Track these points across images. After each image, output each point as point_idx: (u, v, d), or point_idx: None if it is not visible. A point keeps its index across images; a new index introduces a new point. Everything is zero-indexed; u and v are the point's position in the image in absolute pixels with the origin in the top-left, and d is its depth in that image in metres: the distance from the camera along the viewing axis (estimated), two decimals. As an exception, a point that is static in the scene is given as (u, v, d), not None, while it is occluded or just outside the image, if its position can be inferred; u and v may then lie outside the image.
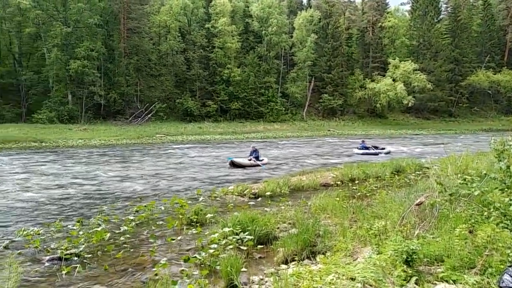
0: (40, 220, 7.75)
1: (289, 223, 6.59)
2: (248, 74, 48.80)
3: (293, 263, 4.89)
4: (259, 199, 9.28)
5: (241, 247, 5.44)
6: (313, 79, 52.96)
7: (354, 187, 10.20)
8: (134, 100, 43.37)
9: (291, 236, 5.43)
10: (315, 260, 4.85)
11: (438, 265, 3.98)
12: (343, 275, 3.75)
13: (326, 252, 4.98)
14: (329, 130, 43.97)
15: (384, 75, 51.54)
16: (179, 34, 47.11)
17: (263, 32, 50.22)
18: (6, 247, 5.99)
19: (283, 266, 4.79)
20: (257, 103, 48.83)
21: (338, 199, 7.88)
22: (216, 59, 47.31)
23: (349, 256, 4.61)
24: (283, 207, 7.83)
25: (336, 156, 20.24)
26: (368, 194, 9.19)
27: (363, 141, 22.04)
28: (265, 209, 7.84)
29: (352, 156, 20.11)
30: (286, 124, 46.90)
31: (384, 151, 20.90)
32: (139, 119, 41.30)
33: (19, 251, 5.75)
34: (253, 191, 9.76)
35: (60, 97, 39.64)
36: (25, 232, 6.57)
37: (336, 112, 52.48)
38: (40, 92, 40.66)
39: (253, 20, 51.19)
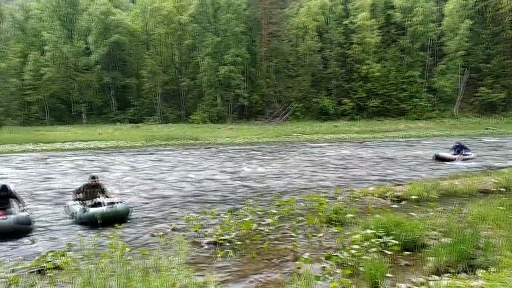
0: (198, 207, 8.88)
1: (440, 231, 5.98)
2: (389, 69, 46.06)
3: (446, 275, 4.43)
4: (403, 202, 8.68)
5: (385, 251, 5.19)
6: (467, 70, 46.65)
7: (524, 196, 8.62)
8: (273, 101, 45.71)
9: (443, 246, 4.93)
10: (474, 274, 4.30)
11: None
12: (513, 296, 3.23)
13: (488, 267, 4.36)
14: (487, 129, 38.05)
15: None
16: (317, 34, 47.54)
17: (407, 23, 46.62)
18: (173, 229, 7.08)
19: (435, 277, 4.39)
20: (398, 99, 45.69)
21: (502, 208, 6.80)
22: (354, 56, 46.11)
23: (519, 275, 3.94)
24: (431, 213, 7.15)
25: (499, 159, 17.40)
26: (544, 205, 7.64)
27: None
28: (411, 213, 7.29)
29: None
30: (433, 122, 42.51)
31: None
32: (277, 118, 43.30)
33: (183, 233, 6.71)
34: (396, 193, 9.19)
35: (211, 100, 44.62)
36: (186, 217, 7.69)
37: (496, 108, 45.08)
38: (195, 96, 46.59)
39: (395, 11, 48.00)
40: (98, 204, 7.86)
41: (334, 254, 5.24)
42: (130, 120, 43.59)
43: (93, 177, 8.83)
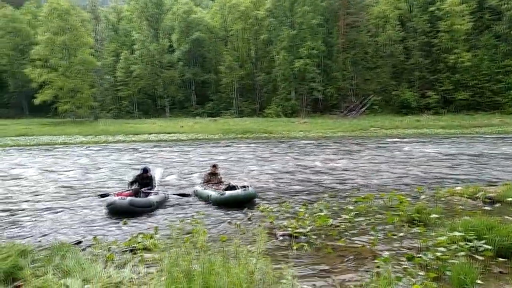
0: (273, 199, 9.01)
1: (543, 239, 5.34)
2: (481, 58, 41.82)
3: (550, 287, 3.97)
4: (497, 204, 7.89)
5: (476, 256, 4.79)
6: None
7: None
8: (349, 94, 44.35)
9: (547, 255, 4.40)
10: None
11: None
12: None
13: None
14: None
15: None
16: (398, 22, 44.92)
17: (504, 6, 41.76)
18: (249, 219, 7.30)
19: (535, 289, 3.95)
20: (491, 91, 41.31)
21: None
22: (441, 45, 42.67)
23: None
24: (532, 218, 6.41)
25: None
26: None
27: None
28: (506, 217, 6.61)
29: None
30: (534, 117, 37.68)
31: None
32: (354, 112, 41.90)
33: (259, 224, 6.89)
34: (488, 194, 8.38)
35: (285, 94, 44.75)
36: (262, 208, 7.88)
37: None
38: (269, 90, 47.14)
39: (490, -6, 43.30)
40: (233, 188, 8.72)
41: (417, 256, 4.97)
42: (208, 114, 45.66)
43: (214, 166, 9.84)
